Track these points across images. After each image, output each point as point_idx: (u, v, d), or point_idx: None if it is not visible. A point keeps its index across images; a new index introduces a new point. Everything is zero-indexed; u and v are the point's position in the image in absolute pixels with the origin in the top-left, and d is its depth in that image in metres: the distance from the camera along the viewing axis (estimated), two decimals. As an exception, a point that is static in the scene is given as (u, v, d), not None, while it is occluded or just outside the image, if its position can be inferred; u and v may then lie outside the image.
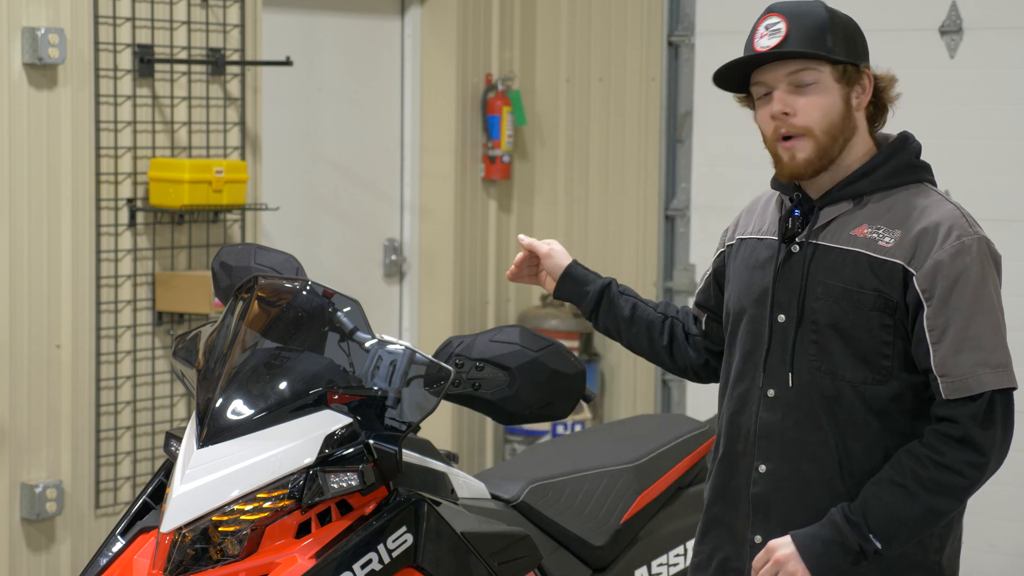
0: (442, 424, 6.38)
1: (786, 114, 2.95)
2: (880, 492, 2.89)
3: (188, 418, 4.53)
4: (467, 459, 6.52)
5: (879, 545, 2.88)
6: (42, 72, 4.98)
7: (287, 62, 5.52)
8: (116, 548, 3.39)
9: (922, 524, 2.90)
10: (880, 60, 5.87)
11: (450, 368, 3.42)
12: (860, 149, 3.03)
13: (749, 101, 3.08)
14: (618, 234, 6.51)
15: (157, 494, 3.46)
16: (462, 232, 6.51)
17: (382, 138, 6.49)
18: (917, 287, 2.90)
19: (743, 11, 6.75)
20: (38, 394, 5.04)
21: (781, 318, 3.02)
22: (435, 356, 3.56)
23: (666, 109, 6.34)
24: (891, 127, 3.13)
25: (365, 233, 6.44)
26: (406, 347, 3.42)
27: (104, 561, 3.38)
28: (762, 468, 3.03)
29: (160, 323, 5.35)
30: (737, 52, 3.03)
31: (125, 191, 5.24)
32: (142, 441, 5.34)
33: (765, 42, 2.96)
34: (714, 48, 6.24)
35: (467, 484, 3.75)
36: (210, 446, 3.26)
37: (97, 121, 5.13)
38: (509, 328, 3.62)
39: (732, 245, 3.21)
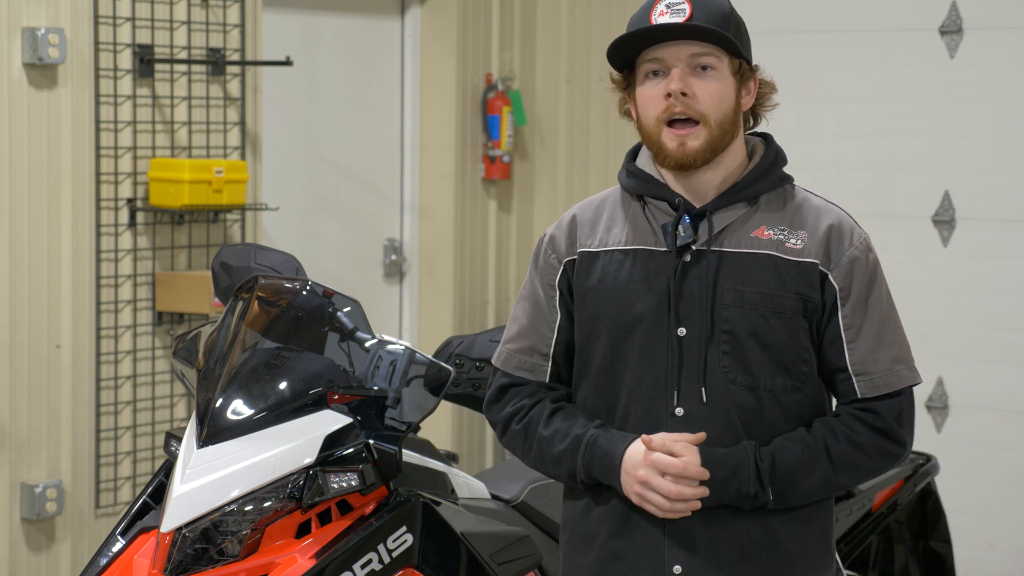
0: (442, 424, 6.38)
1: (684, 95, 2.80)
2: (790, 448, 2.82)
3: (188, 418, 4.53)
4: (467, 459, 6.52)
5: (771, 497, 2.82)
6: (42, 72, 4.98)
7: (287, 62, 5.52)
8: (116, 548, 3.39)
9: (816, 492, 2.85)
10: (880, 60, 5.91)
11: (450, 368, 3.43)
12: (738, 150, 2.90)
13: (623, 83, 2.91)
14: (618, 234, 6.51)
15: (157, 494, 3.46)
16: (462, 232, 6.51)
17: (382, 138, 6.49)
18: (835, 285, 2.84)
19: (742, 11, 6.76)
20: (38, 394, 5.04)
21: (682, 331, 2.83)
22: (435, 356, 3.57)
23: (666, 109, 6.34)
24: (892, 125, 3.11)
25: (365, 233, 6.44)
26: (406, 347, 3.42)
27: (104, 561, 3.38)
28: None
29: (160, 323, 5.36)
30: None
31: (125, 191, 5.24)
32: (142, 441, 5.34)
33: (667, 19, 2.81)
34: (714, 48, 6.23)
35: (467, 484, 3.75)
36: (210, 446, 3.26)
37: (97, 121, 5.14)
38: (509, 328, 3.63)
39: (574, 260, 2.94)
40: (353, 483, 3.27)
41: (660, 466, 2.79)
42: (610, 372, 2.90)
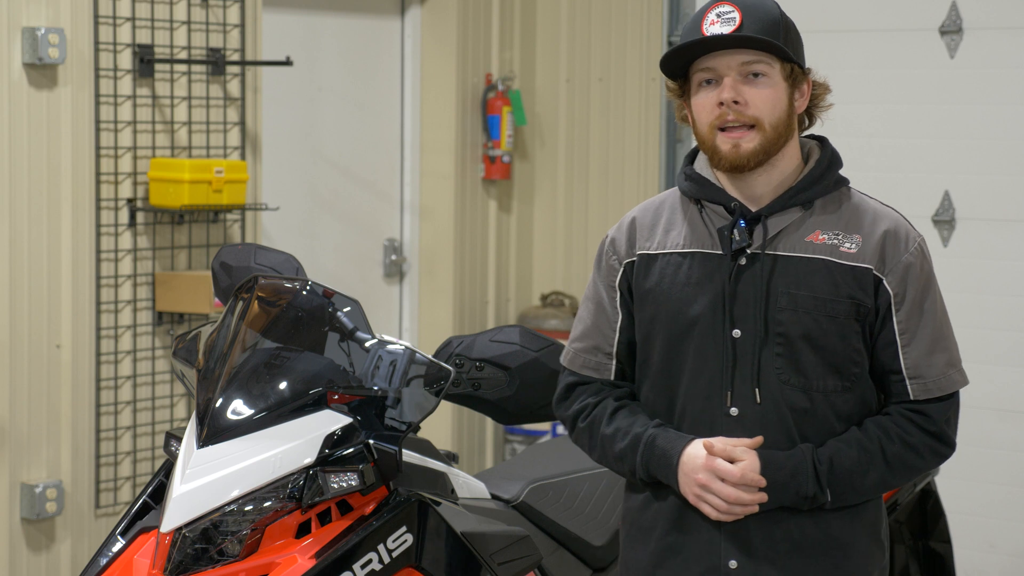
0: (442, 424, 6.38)
1: (736, 103, 2.87)
2: (847, 450, 2.89)
3: (188, 418, 4.53)
4: (467, 459, 6.52)
5: (829, 498, 2.88)
6: (42, 72, 4.98)
7: (287, 62, 5.52)
8: (116, 548, 3.39)
9: (871, 491, 2.92)
10: (880, 60, 5.91)
11: (450, 368, 3.43)
12: (793, 153, 2.96)
13: (679, 90, 2.99)
14: (618, 234, 6.50)
15: (157, 494, 3.46)
16: (462, 232, 6.51)
17: (382, 138, 6.49)
18: (890, 290, 2.90)
19: (743, 11, 6.75)
20: (38, 394, 5.04)
21: (736, 333, 2.89)
22: (435, 356, 3.56)
23: (666, 109, 6.34)
24: (892, 125, 3.12)
25: (365, 233, 6.44)
26: (406, 347, 3.42)
27: (104, 561, 3.38)
28: None
29: (160, 323, 5.35)
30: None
31: (125, 191, 5.24)
32: (142, 441, 5.34)
33: (718, 29, 2.87)
34: (714, 48, 6.23)
35: (467, 484, 3.75)
36: (210, 446, 3.26)
37: (97, 121, 5.14)
38: (509, 328, 3.63)
39: (633, 262, 3.01)
40: (353, 483, 3.27)
41: (719, 472, 2.85)
42: (668, 372, 2.97)
